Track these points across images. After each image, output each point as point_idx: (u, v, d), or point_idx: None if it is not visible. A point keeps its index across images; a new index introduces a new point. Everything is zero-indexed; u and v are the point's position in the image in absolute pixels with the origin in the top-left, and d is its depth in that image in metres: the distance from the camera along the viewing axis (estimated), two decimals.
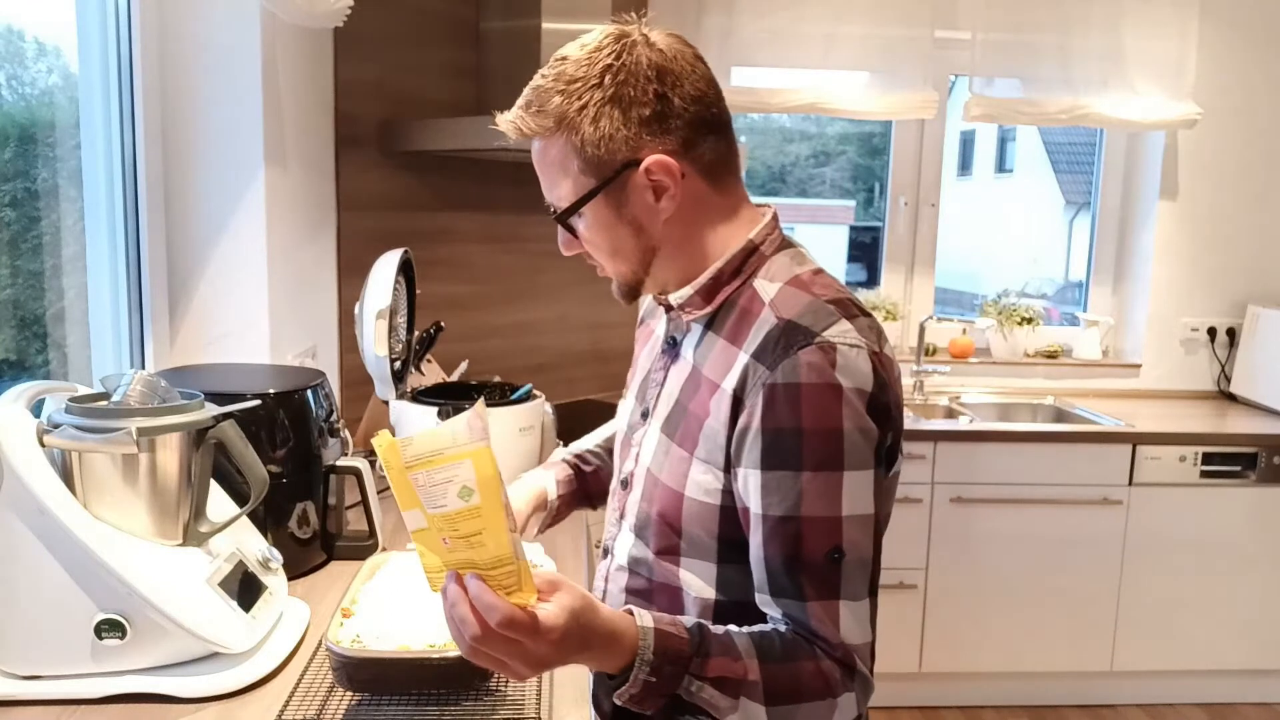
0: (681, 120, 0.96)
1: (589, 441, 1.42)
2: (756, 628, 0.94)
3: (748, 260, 1.02)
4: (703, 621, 0.92)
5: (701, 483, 0.98)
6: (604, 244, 1.01)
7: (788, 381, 0.91)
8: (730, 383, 0.96)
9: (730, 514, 0.98)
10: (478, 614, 0.80)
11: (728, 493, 0.97)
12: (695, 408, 1.00)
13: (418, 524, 0.80)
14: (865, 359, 0.92)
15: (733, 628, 0.93)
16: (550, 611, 0.81)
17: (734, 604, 1.00)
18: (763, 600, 0.96)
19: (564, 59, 0.96)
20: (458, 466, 0.76)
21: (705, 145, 0.98)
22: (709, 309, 1.03)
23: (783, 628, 0.94)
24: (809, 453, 0.91)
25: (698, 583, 1.01)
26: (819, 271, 1.02)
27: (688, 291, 1.03)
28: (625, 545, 1.09)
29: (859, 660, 0.93)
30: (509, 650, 0.81)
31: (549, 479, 1.31)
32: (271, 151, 1.90)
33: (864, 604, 0.94)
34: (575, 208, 0.99)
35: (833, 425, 0.90)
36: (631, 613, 0.89)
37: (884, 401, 0.94)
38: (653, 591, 1.05)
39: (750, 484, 0.94)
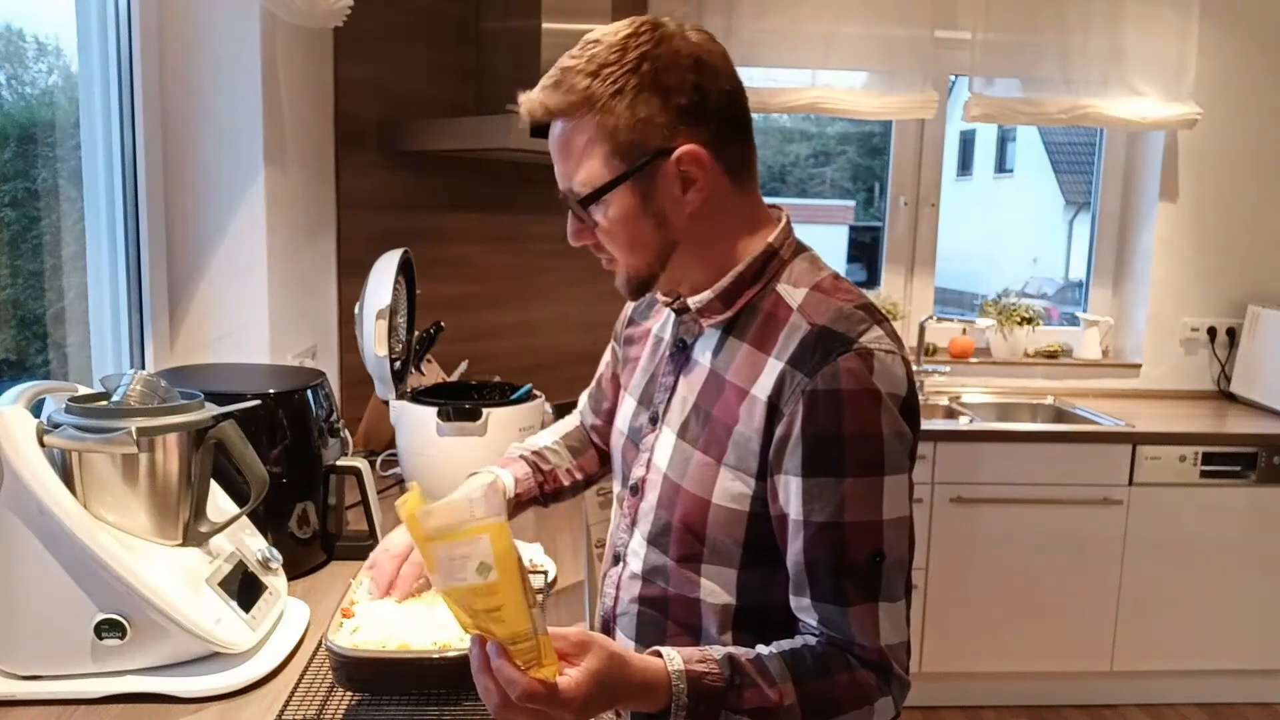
0: (715, 115, 0.95)
1: (545, 438, 1.38)
2: (786, 646, 0.94)
3: (768, 265, 1.01)
4: (732, 652, 0.91)
5: (730, 489, 0.97)
6: (623, 234, 0.98)
7: (828, 388, 0.91)
8: (763, 390, 0.95)
9: (759, 520, 0.97)
10: (498, 685, 0.80)
11: (758, 499, 0.96)
12: (720, 414, 0.99)
13: (442, 586, 0.82)
14: (899, 364, 0.94)
15: (763, 649, 0.93)
16: (572, 680, 0.82)
17: (752, 608, 1.00)
18: (799, 605, 0.96)
19: (596, 42, 0.95)
20: (475, 542, 0.77)
21: (732, 144, 0.98)
22: (729, 314, 1.02)
23: (813, 640, 0.94)
24: (851, 458, 0.91)
25: (718, 589, 1.00)
26: (837, 277, 1.02)
27: (707, 296, 1.02)
28: (640, 553, 1.07)
29: (895, 662, 0.94)
30: (533, 717, 0.82)
31: (506, 475, 1.27)
32: (271, 151, 1.90)
33: (900, 604, 0.95)
34: (600, 193, 0.96)
35: (873, 431, 0.91)
36: (660, 654, 0.89)
37: (914, 405, 0.96)
38: (669, 601, 1.03)
39: (791, 490, 0.93)
